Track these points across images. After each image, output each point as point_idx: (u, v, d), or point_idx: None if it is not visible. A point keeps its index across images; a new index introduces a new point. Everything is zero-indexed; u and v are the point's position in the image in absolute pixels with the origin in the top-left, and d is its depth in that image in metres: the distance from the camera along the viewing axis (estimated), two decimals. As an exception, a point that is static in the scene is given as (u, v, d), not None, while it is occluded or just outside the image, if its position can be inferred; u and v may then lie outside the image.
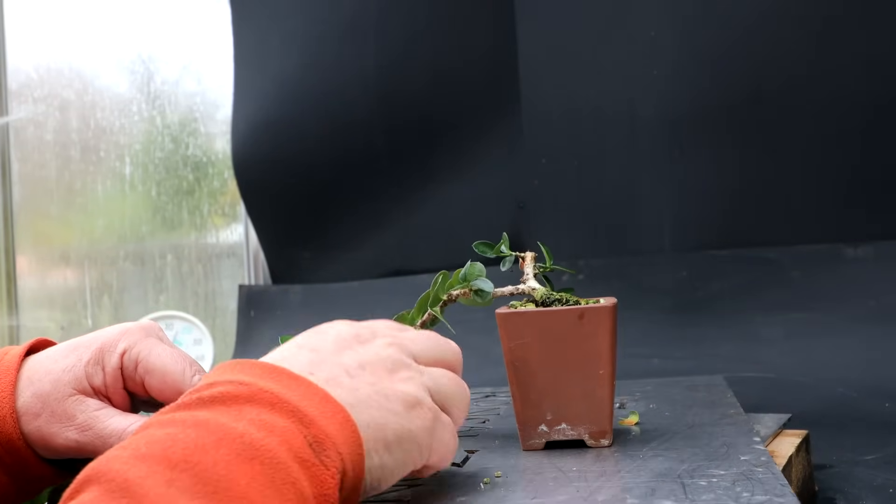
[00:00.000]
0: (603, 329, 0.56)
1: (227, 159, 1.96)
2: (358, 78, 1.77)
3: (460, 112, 1.70)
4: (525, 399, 0.57)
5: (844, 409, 1.01)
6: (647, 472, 0.51)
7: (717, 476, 0.49)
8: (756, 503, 0.44)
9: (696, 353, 1.33)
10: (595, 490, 0.48)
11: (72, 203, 2.13)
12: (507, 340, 0.57)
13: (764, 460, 0.52)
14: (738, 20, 1.47)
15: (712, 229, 1.49)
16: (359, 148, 1.76)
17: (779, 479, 0.48)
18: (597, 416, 0.57)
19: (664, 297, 1.46)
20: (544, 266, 0.63)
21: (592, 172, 1.58)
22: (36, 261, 2.16)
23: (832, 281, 1.36)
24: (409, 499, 0.49)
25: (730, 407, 0.69)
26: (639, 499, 0.46)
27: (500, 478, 0.52)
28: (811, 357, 1.25)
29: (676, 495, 0.46)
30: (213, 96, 2.07)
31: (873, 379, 1.12)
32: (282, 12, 1.86)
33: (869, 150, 1.39)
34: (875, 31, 1.38)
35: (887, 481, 0.71)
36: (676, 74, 1.51)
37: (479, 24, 1.69)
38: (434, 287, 0.62)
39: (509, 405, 0.77)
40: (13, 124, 2.09)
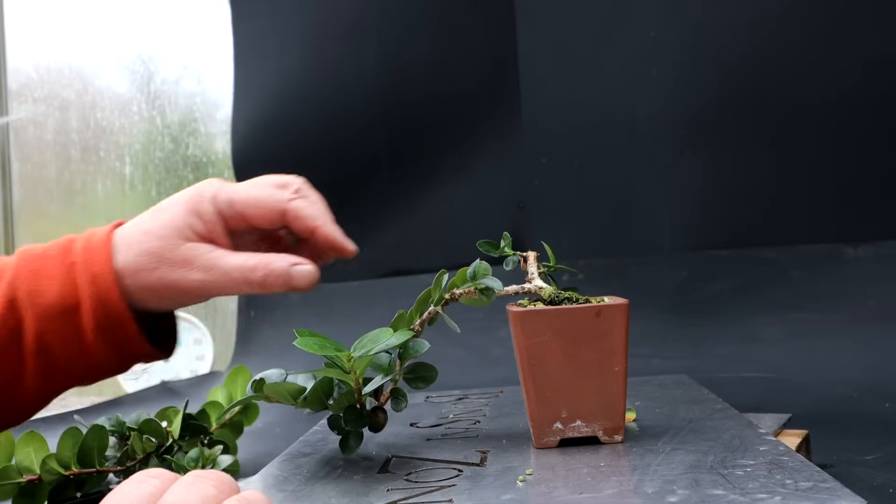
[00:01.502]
0: (618, 326, 0.57)
1: (227, 159, 1.96)
2: (358, 78, 1.77)
3: (460, 112, 1.70)
4: (540, 397, 0.57)
5: (844, 409, 1.01)
6: (678, 464, 0.51)
7: (750, 466, 0.49)
8: (804, 489, 0.44)
9: (696, 353, 1.33)
10: (638, 483, 0.48)
11: (72, 203, 2.13)
12: (522, 339, 0.57)
13: (784, 450, 0.52)
14: (738, 20, 1.47)
15: (712, 229, 1.49)
16: (359, 148, 1.76)
17: (812, 467, 0.48)
18: (611, 412, 0.58)
19: (664, 297, 1.46)
20: (549, 265, 0.63)
21: (592, 172, 1.58)
22: (36, 261, 2.16)
23: (832, 281, 1.36)
24: (450, 499, 0.49)
25: (715, 402, 0.70)
26: (688, 489, 0.46)
27: (532, 475, 0.52)
28: (811, 357, 1.25)
29: (723, 485, 0.46)
30: (213, 96, 2.07)
31: (873, 379, 1.12)
32: (282, 12, 1.86)
33: (869, 150, 1.39)
34: (875, 31, 1.38)
35: (887, 481, 0.71)
36: (676, 74, 1.51)
37: (479, 25, 1.69)
38: (436, 286, 0.62)
39: (490, 405, 0.77)
40: (13, 124, 2.09)
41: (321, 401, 0.60)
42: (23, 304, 0.59)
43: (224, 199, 0.59)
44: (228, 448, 0.86)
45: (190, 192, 0.60)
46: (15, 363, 0.60)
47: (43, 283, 0.59)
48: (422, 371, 0.62)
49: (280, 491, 0.54)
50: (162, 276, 0.58)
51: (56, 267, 0.60)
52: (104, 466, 0.79)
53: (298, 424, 0.96)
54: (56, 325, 0.59)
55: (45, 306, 0.59)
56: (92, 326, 0.59)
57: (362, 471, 0.57)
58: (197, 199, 0.60)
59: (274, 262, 0.59)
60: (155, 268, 0.58)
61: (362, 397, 0.59)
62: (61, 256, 0.60)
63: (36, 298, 0.59)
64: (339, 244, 0.61)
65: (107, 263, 0.58)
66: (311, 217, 0.60)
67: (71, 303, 0.59)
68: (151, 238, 0.59)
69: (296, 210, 0.59)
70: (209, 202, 0.60)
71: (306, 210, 0.60)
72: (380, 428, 0.62)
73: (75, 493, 0.79)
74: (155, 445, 0.81)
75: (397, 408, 0.62)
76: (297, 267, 0.59)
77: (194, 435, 0.83)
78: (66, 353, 0.60)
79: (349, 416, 0.59)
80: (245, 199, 0.59)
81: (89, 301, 0.59)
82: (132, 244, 0.59)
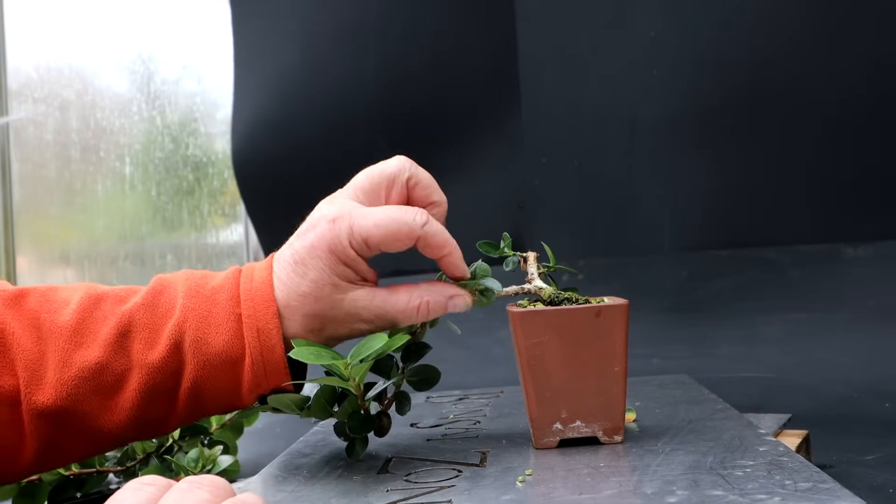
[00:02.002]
0: (618, 327, 0.57)
1: (227, 159, 1.96)
2: (357, 78, 1.77)
3: (460, 112, 1.70)
4: (540, 397, 0.57)
5: (844, 409, 1.01)
6: (677, 465, 0.51)
7: (749, 466, 0.49)
8: (803, 490, 0.44)
9: (696, 353, 1.33)
10: (638, 484, 0.48)
11: (72, 203, 2.13)
12: (523, 339, 0.57)
13: (784, 450, 0.53)
14: (738, 20, 1.47)
15: (712, 229, 1.49)
16: (359, 148, 1.76)
17: (811, 468, 0.48)
18: (611, 413, 0.58)
19: (664, 297, 1.46)
20: (548, 266, 0.63)
21: (592, 172, 1.58)
22: (36, 261, 2.17)
23: (832, 281, 1.37)
24: (449, 500, 0.49)
25: (715, 403, 0.70)
26: (688, 490, 0.46)
27: (532, 476, 0.52)
28: (811, 357, 1.25)
29: (723, 486, 0.46)
30: (213, 96, 2.07)
31: (873, 379, 1.12)
32: (282, 12, 1.86)
33: (869, 150, 1.39)
34: (875, 31, 1.38)
35: (887, 481, 0.71)
36: (676, 75, 1.51)
37: (479, 25, 1.69)
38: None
39: (491, 406, 0.77)
40: (13, 124, 2.09)
41: (325, 409, 0.60)
42: (188, 349, 0.59)
43: (359, 241, 0.59)
44: (228, 449, 0.86)
45: (325, 241, 0.59)
46: (167, 403, 0.60)
47: (210, 331, 0.59)
48: (425, 373, 0.62)
49: (280, 491, 0.55)
50: (332, 333, 0.60)
51: (224, 315, 0.60)
52: (104, 466, 0.79)
53: (298, 425, 0.96)
54: (216, 373, 0.59)
55: (210, 355, 0.59)
56: (249, 378, 0.60)
57: (362, 471, 0.57)
58: (336, 247, 0.59)
59: (433, 297, 0.60)
60: (322, 328, 0.59)
61: (365, 403, 0.59)
62: (229, 305, 0.60)
63: (202, 346, 0.59)
64: (459, 274, 0.61)
65: (273, 320, 0.59)
66: (440, 246, 0.60)
67: (235, 355, 0.59)
68: (310, 301, 0.59)
69: (426, 238, 0.59)
70: (348, 246, 0.59)
71: (436, 238, 0.60)
72: (385, 432, 0.62)
73: (75, 493, 0.79)
74: (155, 446, 0.81)
75: (401, 411, 0.62)
76: (453, 300, 0.60)
77: (194, 435, 0.83)
78: (218, 400, 0.61)
79: (353, 423, 0.59)
80: (379, 236, 0.59)
81: (251, 356, 0.59)
82: (295, 309, 0.59)
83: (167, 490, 0.40)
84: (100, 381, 0.59)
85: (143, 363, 0.59)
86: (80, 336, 0.59)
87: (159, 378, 0.59)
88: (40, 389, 0.58)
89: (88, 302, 0.61)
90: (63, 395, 0.58)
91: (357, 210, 0.60)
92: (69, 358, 0.59)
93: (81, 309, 0.60)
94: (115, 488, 0.81)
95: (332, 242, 0.59)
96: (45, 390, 0.58)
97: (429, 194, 0.65)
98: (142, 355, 0.59)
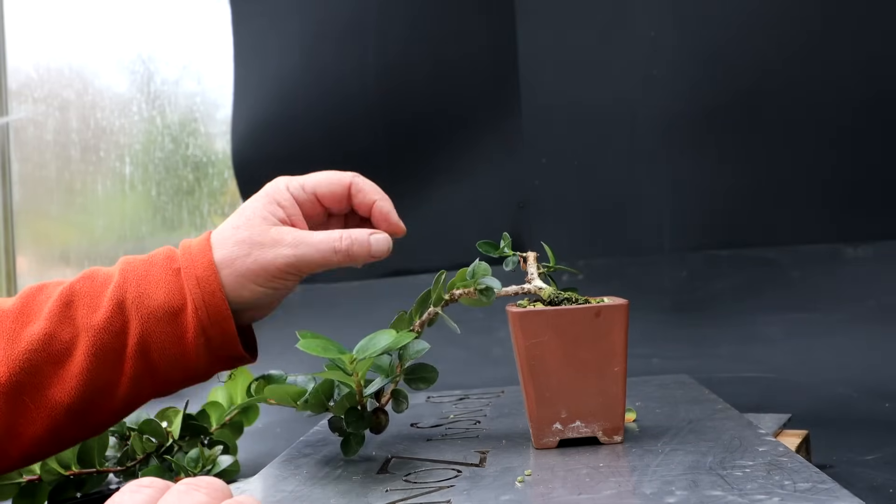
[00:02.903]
0: (618, 327, 0.57)
1: (227, 159, 1.96)
2: (358, 78, 1.77)
3: (460, 112, 1.70)
4: (540, 397, 0.57)
5: (844, 409, 1.01)
6: (677, 465, 0.51)
7: (748, 467, 0.49)
8: (802, 490, 0.44)
9: (696, 353, 1.33)
10: (637, 484, 0.48)
11: (72, 203, 2.13)
12: (522, 339, 0.57)
13: (783, 450, 0.53)
14: (738, 20, 1.47)
15: (712, 229, 1.49)
16: (359, 148, 1.76)
17: (811, 468, 0.48)
18: (611, 413, 0.58)
19: (664, 297, 1.46)
20: (548, 266, 0.63)
21: (592, 172, 1.58)
22: (36, 261, 2.16)
23: (832, 281, 1.36)
24: (448, 500, 0.49)
25: (716, 402, 0.70)
26: (687, 490, 0.46)
27: (531, 476, 0.52)
28: (811, 357, 1.25)
29: (722, 486, 0.46)
30: (213, 96, 2.07)
31: (873, 379, 1.12)
32: (281, 12, 1.86)
33: (868, 150, 1.39)
34: (874, 31, 1.38)
35: (887, 481, 0.71)
36: (676, 74, 1.51)
37: (479, 25, 1.69)
38: (436, 286, 0.62)
39: (491, 406, 0.77)
40: (13, 124, 2.09)
41: (322, 403, 0.60)
42: (130, 307, 0.62)
43: (297, 185, 0.66)
44: (228, 448, 0.86)
45: (266, 188, 0.67)
46: (115, 365, 0.62)
47: (150, 287, 0.63)
48: (422, 372, 0.62)
49: (280, 491, 0.55)
50: (256, 258, 0.63)
51: (162, 272, 0.64)
52: (104, 466, 0.79)
53: (298, 425, 0.96)
54: (160, 326, 0.62)
55: (153, 308, 0.62)
56: (194, 326, 0.62)
57: (362, 471, 0.57)
58: (273, 189, 0.66)
59: (354, 232, 0.65)
60: (248, 253, 0.63)
61: (363, 399, 0.59)
62: (166, 262, 0.64)
63: (144, 301, 0.62)
64: (394, 220, 0.67)
65: (209, 264, 0.63)
66: (371, 192, 0.67)
67: (177, 304, 0.62)
68: (241, 229, 0.64)
69: (358, 185, 0.67)
70: (284, 190, 0.66)
71: (367, 185, 0.67)
72: (381, 429, 0.62)
73: (75, 493, 0.79)
74: (155, 446, 0.81)
75: (398, 409, 0.62)
76: (374, 235, 0.65)
77: (194, 435, 0.83)
78: (166, 354, 0.63)
79: (350, 418, 0.59)
80: (315, 180, 0.67)
81: (193, 303, 0.62)
82: (226, 239, 0.64)
83: (165, 492, 0.40)
84: (49, 351, 0.61)
85: (88, 327, 0.62)
86: (26, 316, 0.63)
87: (106, 338, 0.62)
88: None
89: (30, 290, 0.65)
90: (15, 370, 0.61)
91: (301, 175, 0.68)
92: (16, 335, 0.62)
93: (24, 296, 0.65)
94: (115, 488, 0.81)
95: (270, 187, 0.67)
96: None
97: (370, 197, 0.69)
98: (86, 320, 0.62)
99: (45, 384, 0.61)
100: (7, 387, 0.60)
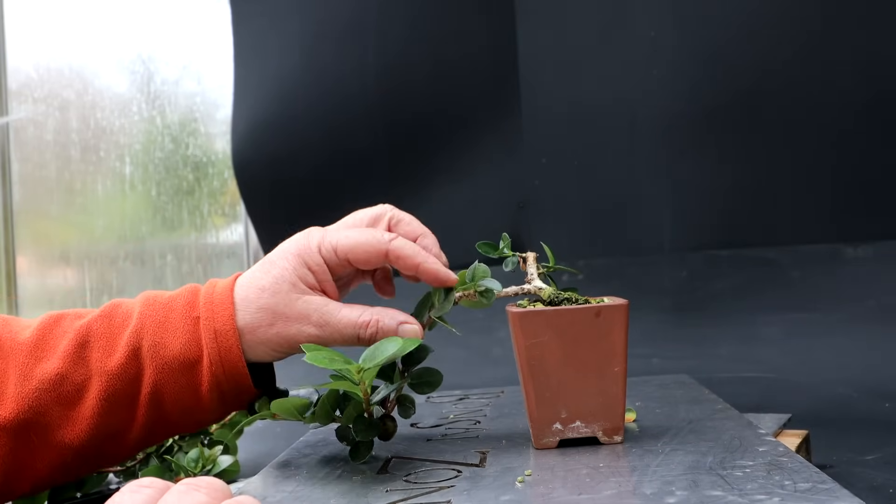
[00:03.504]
0: (618, 327, 0.57)
1: (227, 159, 1.96)
2: (358, 78, 1.77)
3: (460, 112, 1.70)
4: (540, 398, 0.57)
5: (844, 409, 1.01)
6: (677, 465, 0.51)
7: (748, 467, 0.49)
8: (802, 490, 0.44)
9: (696, 353, 1.33)
10: (637, 484, 0.48)
11: (72, 203, 2.13)
12: (522, 339, 0.57)
13: (783, 450, 0.53)
14: (738, 20, 1.47)
15: (712, 229, 1.49)
16: (359, 148, 1.76)
17: (811, 468, 0.48)
18: (611, 413, 0.58)
19: (664, 297, 1.46)
20: (548, 266, 0.63)
21: (592, 172, 1.58)
22: (36, 261, 2.16)
23: (832, 281, 1.37)
24: (448, 500, 0.49)
25: (716, 402, 0.70)
26: (687, 490, 0.46)
27: (531, 476, 0.52)
28: (811, 357, 1.25)
29: (722, 486, 0.46)
30: (213, 96, 2.07)
31: (873, 379, 1.12)
32: (282, 12, 1.86)
33: (868, 150, 1.39)
34: (874, 31, 1.38)
35: (887, 481, 0.71)
36: (676, 74, 1.51)
37: (479, 25, 1.69)
38: (435, 293, 0.62)
39: (491, 406, 0.77)
40: (13, 124, 2.09)
41: (329, 414, 0.59)
42: (145, 354, 0.61)
43: (329, 248, 0.62)
44: (228, 448, 0.86)
45: (296, 245, 0.63)
46: (127, 411, 0.61)
47: (167, 335, 0.61)
48: (427, 376, 0.61)
49: (280, 491, 0.54)
50: (279, 331, 0.61)
51: (181, 320, 0.62)
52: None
53: (298, 425, 0.96)
54: (175, 377, 0.61)
55: (168, 359, 0.61)
56: (209, 379, 0.61)
57: (362, 471, 0.57)
58: (305, 250, 0.62)
59: (383, 319, 0.61)
60: (272, 323, 0.61)
61: (370, 406, 0.59)
62: (186, 310, 0.62)
63: (160, 350, 0.61)
64: (442, 277, 0.62)
65: (230, 321, 0.61)
66: (411, 256, 0.62)
67: (192, 357, 0.61)
68: (267, 295, 0.61)
69: (396, 251, 0.62)
70: (316, 252, 0.62)
71: (405, 250, 0.62)
72: (390, 436, 0.62)
73: (75, 493, 0.79)
74: (155, 446, 0.81)
75: (405, 415, 0.62)
76: (403, 326, 0.62)
77: (194, 435, 0.83)
78: (179, 404, 0.62)
79: (359, 427, 0.59)
80: (348, 245, 0.62)
81: (209, 357, 0.61)
82: (251, 301, 0.61)
83: (165, 492, 0.40)
84: (60, 392, 0.60)
85: (101, 371, 0.60)
86: (40, 351, 0.61)
87: (119, 384, 0.60)
88: (1, 404, 0.59)
89: (48, 321, 0.63)
90: (24, 408, 0.59)
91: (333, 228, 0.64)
92: (29, 372, 0.60)
93: (41, 328, 0.63)
94: (115, 488, 0.81)
95: (301, 246, 0.62)
96: (6, 404, 0.59)
97: (413, 229, 0.66)
98: (100, 363, 0.61)
99: (54, 424, 0.60)
100: (15, 423, 0.60)
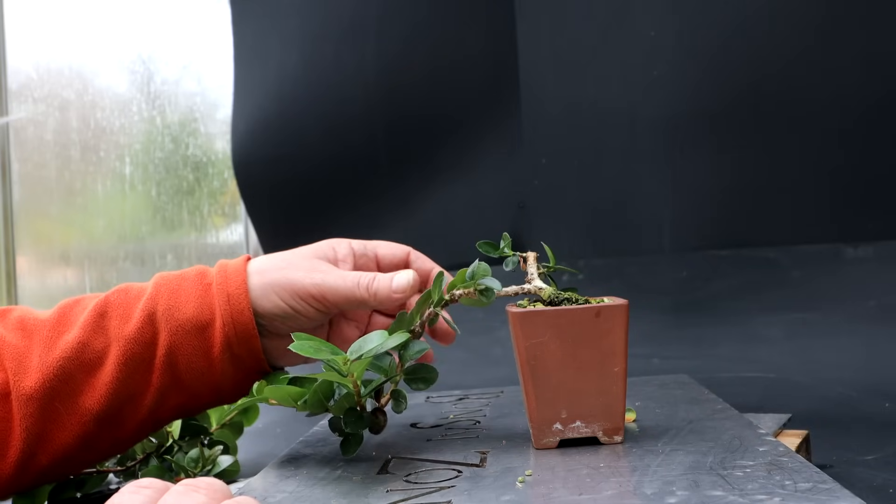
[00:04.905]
0: (618, 327, 0.57)
1: (227, 159, 1.96)
2: (358, 78, 1.77)
3: (460, 112, 1.70)
4: (540, 398, 0.57)
5: (844, 409, 1.01)
6: (677, 465, 0.51)
7: (749, 467, 0.49)
8: (803, 490, 0.44)
9: (696, 353, 1.33)
10: (638, 484, 0.48)
11: (72, 203, 2.13)
12: (522, 339, 0.57)
13: (783, 450, 0.53)
14: (738, 20, 1.47)
15: (712, 229, 1.49)
16: (359, 148, 1.76)
17: (811, 468, 0.48)
18: (611, 413, 0.58)
19: (664, 297, 1.46)
20: (548, 266, 0.63)
21: (592, 172, 1.58)
22: (36, 261, 2.16)
23: (832, 281, 1.36)
24: (448, 500, 0.49)
25: (715, 403, 0.70)
26: (688, 490, 0.46)
27: (532, 476, 0.52)
28: (811, 357, 1.25)
29: (722, 486, 0.46)
30: (213, 96, 2.07)
31: (873, 379, 1.12)
32: (281, 12, 1.86)
33: (869, 149, 1.39)
34: (875, 31, 1.38)
35: (887, 481, 0.71)
36: (676, 74, 1.51)
37: (479, 25, 1.69)
38: (436, 287, 0.62)
39: (491, 406, 0.77)
40: (13, 124, 2.09)
41: (321, 403, 0.60)
42: (160, 318, 0.64)
43: (359, 242, 0.68)
44: (228, 448, 0.86)
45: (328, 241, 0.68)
46: (143, 375, 0.64)
47: (181, 300, 0.65)
48: (422, 372, 0.62)
49: (280, 491, 0.55)
50: (287, 273, 0.64)
51: (193, 287, 0.66)
52: (104, 467, 0.79)
53: (298, 425, 0.96)
54: (188, 339, 0.64)
55: (182, 321, 0.64)
56: (220, 341, 0.64)
57: (362, 471, 0.57)
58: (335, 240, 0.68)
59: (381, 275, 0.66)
60: (282, 268, 0.65)
61: (361, 399, 0.59)
62: (198, 278, 0.66)
63: (174, 313, 0.64)
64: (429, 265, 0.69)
65: (241, 282, 0.64)
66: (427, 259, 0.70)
67: (205, 319, 0.64)
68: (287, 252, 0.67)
69: (417, 254, 0.70)
70: (346, 243, 0.68)
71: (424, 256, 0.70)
72: (380, 429, 0.62)
73: (75, 493, 0.79)
74: (155, 446, 0.81)
75: (398, 409, 0.62)
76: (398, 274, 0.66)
77: (194, 435, 0.83)
78: (191, 367, 0.65)
79: (349, 419, 0.59)
80: (375, 242, 0.69)
81: (222, 318, 0.64)
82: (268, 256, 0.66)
83: (164, 493, 0.40)
84: (82, 359, 0.63)
85: (119, 337, 0.64)
86: (62, 325, 0.65)
87: (136, 349, 0.64)
88: (27, 375, 0.63)
89: (68, 301, 0.68)
90: (49, 376, 0.63)
91: None
92: (52, 343, 0.64)
93: (62, 307, 0.67)
94: (115, 489, 0.81)
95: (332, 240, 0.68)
96: (32, 375, 0.63)
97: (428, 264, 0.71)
98: (118, 330, 0.64)
99: (77, 391, 0.63)
100: (41, 392, 0.62)
